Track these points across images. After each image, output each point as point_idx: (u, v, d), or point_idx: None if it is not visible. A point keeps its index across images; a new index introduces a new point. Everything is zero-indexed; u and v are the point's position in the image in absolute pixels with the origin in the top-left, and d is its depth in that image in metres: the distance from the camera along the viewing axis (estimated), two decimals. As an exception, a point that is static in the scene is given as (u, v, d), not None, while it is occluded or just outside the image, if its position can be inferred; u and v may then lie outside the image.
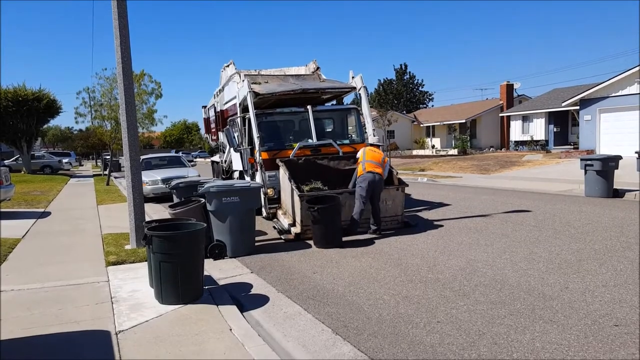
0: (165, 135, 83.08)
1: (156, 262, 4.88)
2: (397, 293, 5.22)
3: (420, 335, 4.10)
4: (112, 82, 19.22)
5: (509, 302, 4.79)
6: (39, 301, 5.07)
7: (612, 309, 4.48)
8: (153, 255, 4.92)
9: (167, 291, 4.86)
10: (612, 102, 22.19)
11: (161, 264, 4.83)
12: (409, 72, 63.16)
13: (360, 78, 10.88)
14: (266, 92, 10.14)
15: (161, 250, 4.83)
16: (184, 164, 18.34)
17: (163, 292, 4.88)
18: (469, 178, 18.93)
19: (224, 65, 13.38)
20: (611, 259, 6.17)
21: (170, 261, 4.81)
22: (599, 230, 7.95)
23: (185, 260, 4.87)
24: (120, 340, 4.02)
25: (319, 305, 4.97)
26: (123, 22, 7.44)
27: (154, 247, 4.87)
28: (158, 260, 4.85)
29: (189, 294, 4.92)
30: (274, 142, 10.31)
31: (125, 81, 7.50)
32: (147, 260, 6.37)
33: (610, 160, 11.75)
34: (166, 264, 4.81)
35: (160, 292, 4.91)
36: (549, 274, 5.64)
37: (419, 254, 6.86)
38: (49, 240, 8.51)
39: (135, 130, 7.69)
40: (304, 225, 8.12)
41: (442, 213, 10.41)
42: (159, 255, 4.84)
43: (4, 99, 26.71)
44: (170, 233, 5.05)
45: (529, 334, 4.02)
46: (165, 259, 4.82)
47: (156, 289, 5.00)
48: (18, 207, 12.73)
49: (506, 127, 35.96)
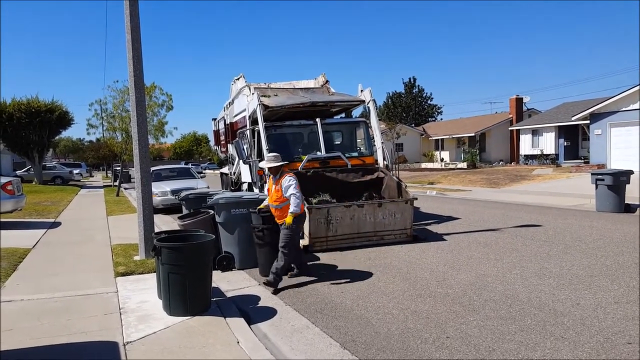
0: (175, 147, 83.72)
1: (165, 274, 4.89)
2: (406, 307, 5.18)
3: (430, 351, 4.06)
4: (124, 94, 19.49)
5: (520, 318, 4.73)
6: (48, 311, 5.10)
7: (624, 326, 4.40)
8: (162, 267, 4.93)
9: (176, 302, 4.86)
10: (622, 116, 22.05)
11: (169, 275, 4.84)
12: (418, 85, 63.44)
13: (369, 91, 10.93)
14: (275, 105, 10.21)
15: (170, 261, 4.85)
16: (193, 176, 18.44)
17: (171, 304, 4.89)
18: (479, 192, 18.82)
19: (234, 79, 13.51)
20: (623, 275, 6.08)
21: (178, 272, 4.81)
22: (610, 246, 7.85)
23: (194, 271, 4.88)
24: (128, 352, 4.02)
25: (326, 318, 4.94)
26: (135, 36, 7.56)
27: (162, 258, 4.88)
28: (167, 272, 4.86)
29: (197, 305, 4.92)
30: (283, 154, 10.29)
31: (137, 94, 7.60)
32: (155, 271, 6.41)
33: (622, 175, 11.63)
34: (175, 275, 4.82)
35: (169, 303, 4.91)
36: (560, 290, 5.57)
37: (428, 268, 6.81)
38: (58, 250, 8.56)
39: (146, 142, 7.76)
40: (313, 238, 8.11)
41: (452, 227, 10.35)
42: (168, 267, 4.85)
43: (17, 111, 27.13)
44: (179, 244, 5.08)
45: (539, 350, 3.96)
46: (173, 270, 4.83)
47: (164, 301, 5.00)
48: (29, 217, 12.86)
49: (516, 141, 35.83)
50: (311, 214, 8.02)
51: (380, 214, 8.52)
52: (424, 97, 63.79)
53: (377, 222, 8.49)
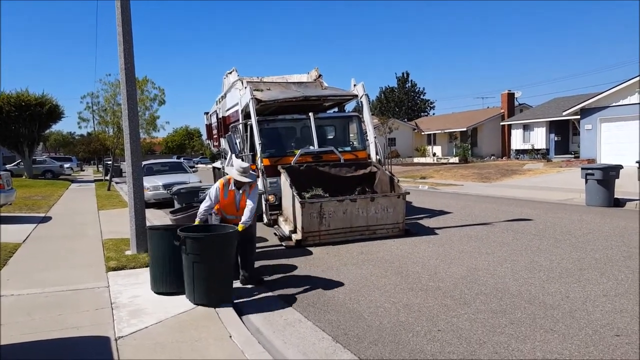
0: (167, 141, 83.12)
1: (189, 263, 4.99)
2: (398, 301, 5.21)
3: (421, 344, 4.09)
4: (116, 88, 19.31)
5: (510, 311, 4.78)
6: (39, 306, 5.07)
7: (613, 319, 4.46)
8: (186, 256, 5.02)
9: (200, 291, 4.97)
10: (612, 111, 22.24)
11: (194, 264, 4.94)
12: (411, 80, 63.49)
13: (362, 86, 10.93)
14: (268, 99, 10.18)
15: (195, 251, 4.95)
16: (185, 170, 18.36)
17: (196, 293, 5.00)
18: (470, 186, 18.92)
19: (226, 72, 13.43)
20: (612, 269, 6.16)
21: (204, 262, 4.94)
22: (599, 240, 7.94)
23: (218, 261, 5.01)
24: (120, 346, 4.02)
25: (319, 312, 4.96)
26: (127, 29, 7.49)
27: (187, 248, 4.96)
28: (191, 261, 4.96)
29: (220, 293, 5.05)
30: (276, 148, 10.34)
31: (128, 88, 7.54)
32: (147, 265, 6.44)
33: (611, 170, 11.75)
34: (200, 264, 4.93)
35: (193, 292, 5.01)
36: (549, 283, 5.63)
37: (420, 262, 6.85)
38: (49, 245, 8.50)
39: (137, 137, 7.71)
40: (306, 232, 8.12)
41: (443, 221, 10.40)
42: (192, 256, 4.95)
43: (6, 104, 26.81)
44: (205, 235, 5.21)
45: (529, 343, 4.01)
46: (198, 259, 4.93)
47: (188, 289, 5.09)
48: (19, 211, 12.74)
49: (507, 136, 36.03)
50: (304, 209, 8.02)
51: (373, 208, 8.55)
52: (416, 92, 63.87)
53: (369, 216, 8.52)
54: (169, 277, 5.37)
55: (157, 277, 5.47)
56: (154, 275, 5.51)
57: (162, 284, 5.43)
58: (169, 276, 5.37)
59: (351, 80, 11.38)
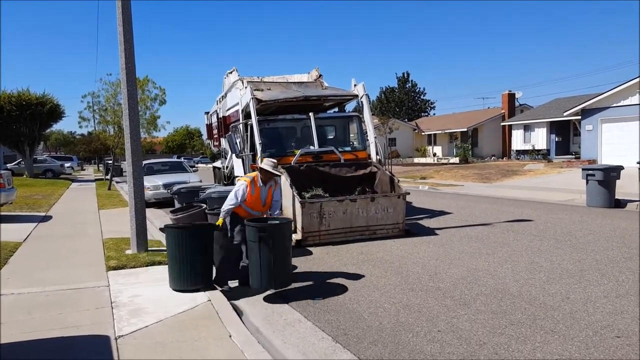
0: (167, 140, 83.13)
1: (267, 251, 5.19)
2: (398, 301, 5.21)
3: (421, 344, 4.09)
4: (116, 87, 19.31)
5: (510, 311, 4.77)
6: (39, 305, 5.07)
7: (613, 320, 4.46)
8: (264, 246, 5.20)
9: (265, 277, 5.21)
10: (613, 112, 22.22)
11: (271, 252, 5.17)
12: (411, 80, 63.47)
13: (363, 86, 10.92)
14: (269, 99, 10.18)
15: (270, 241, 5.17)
16: (185, 170, 18.38)
17: (263, 278, 5.25)
18: (471, 186, 18.91)
19: (226, 72, 13.44)
20: (613, 270, 6.15)
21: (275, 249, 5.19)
22: (600, 241, 7.93)
23: (281, 249, 5.27)
24: (120, 346, 4.02)
25: (319, 312, 4.96)
26: (127, 28, 7.48)
27: (266, 238, 5.16)
28: (268, 249, 5.18)
29: (282, 278, 5.38)
30: (276, 148, 10.33)
31: (129, 87, 7.54)
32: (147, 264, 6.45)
33: (612, 171, 11.73)
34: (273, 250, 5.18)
35: (260, 278, 5.26)
36: (550, 284, 5.62)
37: (420, 262, 6.85)
38: (50, 244, 8.51)
39: (138, 136, 7.71)
40: (306, 232, 8.12)
41: (444, 221, 10.40)
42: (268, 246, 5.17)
43: (7, 103, 26.83)
44: (271, 224, 5.43)
45: (530, 344, 4.01)
46: (263, 247, 5.17)
47: (253, 276, 5.33)
48: (20, 210, 12.75)
49: (508, 136, 36.01)
50: (304, 208, 8.02)
51: (373, 208, 8.54)
52: (417, 92, 63.85)
53: (369, 216, 8.52)
54: (190, 274, 5.48)
55: (178, 275, 5.52)
56: (175, 273, 5.53)
57: (184, 281, 5.51)
58: (190, 273, 5.48)
59: (351, 80, 11.37)
